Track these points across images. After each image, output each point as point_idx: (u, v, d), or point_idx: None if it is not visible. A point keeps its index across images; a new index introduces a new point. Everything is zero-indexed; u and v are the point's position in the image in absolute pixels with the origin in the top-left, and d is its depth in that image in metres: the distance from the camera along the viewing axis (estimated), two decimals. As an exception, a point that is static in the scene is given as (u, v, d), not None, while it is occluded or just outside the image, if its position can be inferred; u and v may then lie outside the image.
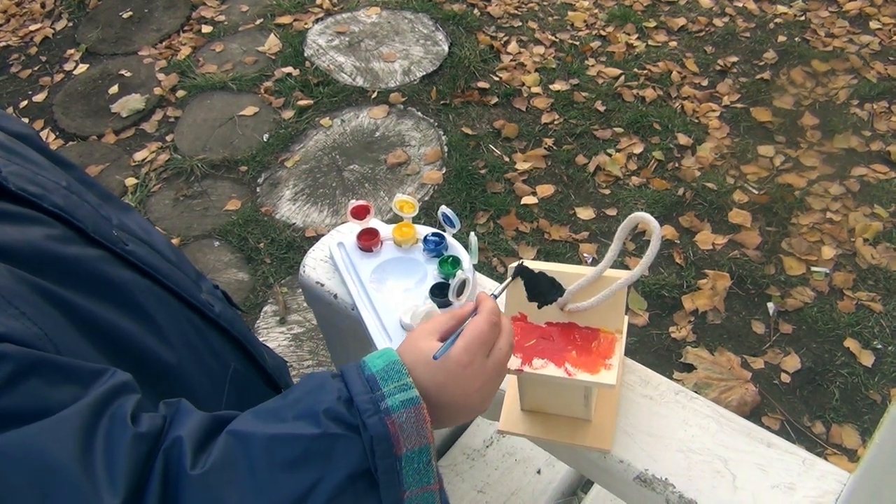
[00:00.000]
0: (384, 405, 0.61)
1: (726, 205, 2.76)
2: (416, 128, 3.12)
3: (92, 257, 0.74)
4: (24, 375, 0.56)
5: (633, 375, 0.87)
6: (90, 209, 0.80)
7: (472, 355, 0.66)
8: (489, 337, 0.67)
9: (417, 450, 0.62)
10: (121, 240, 0.80)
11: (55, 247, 0.69)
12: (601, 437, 0.81)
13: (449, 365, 0.65)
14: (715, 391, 2.19)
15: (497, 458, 1.22)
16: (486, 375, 0.67)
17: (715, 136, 3.03)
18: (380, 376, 0.64)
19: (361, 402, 0.62)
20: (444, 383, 0.65)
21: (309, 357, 2.35)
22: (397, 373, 0.64)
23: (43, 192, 0.73)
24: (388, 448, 0.61)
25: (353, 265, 1.01)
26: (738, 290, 2.49)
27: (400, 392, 0.62)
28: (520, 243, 2.66)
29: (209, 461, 0.58)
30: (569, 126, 3.11)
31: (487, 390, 0.68)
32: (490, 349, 0.67)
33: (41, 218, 0.71)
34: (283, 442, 0.60)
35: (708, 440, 0.80)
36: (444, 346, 0.66)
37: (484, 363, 0.66)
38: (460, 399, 0.66)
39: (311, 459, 0.60)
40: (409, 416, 0.61)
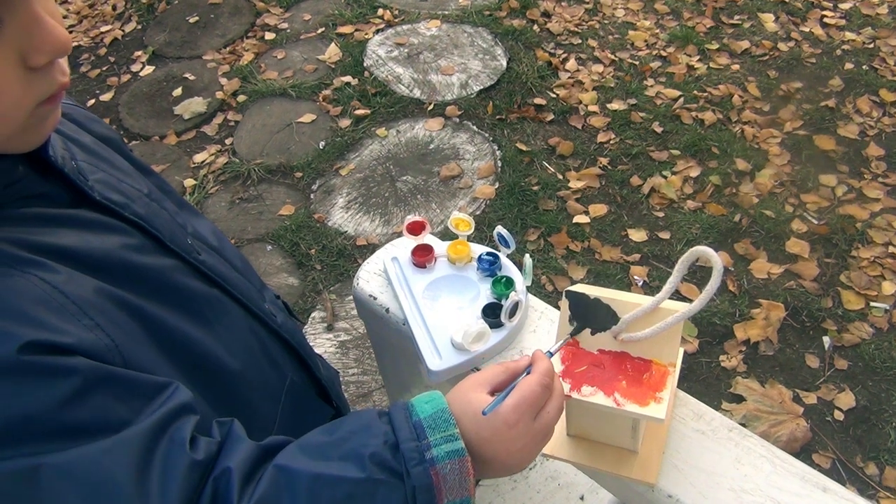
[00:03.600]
0: (430, 455, 0.62)
1: (784, 233, 2.70)
2: (471, 141, 3.12)
3: (165, 267, 0.75)
4: (91, 390, 0.58)
5: (686, 409, 0.86)
6: (168, 217, 0.82)
7: (520, 415, 0.65)
8: (539, 399, 0.66)
9: (458, 501, 0.62)
10: (194, 249, 0.82)
11: (131, 256, 0.71)
12: (647, 469, 0.80)
13: (496, 423, 0.65)
14: (764, 424, 2.13)
15: (540, 482, 1.21)
16: (531, 437, 0.66)
17: (775, 163, 2.97)
18: (427, 424, 0.64)
19: (407, 449, 0.62)
20: (488, 439, 0.65)
21: (354, 365, 2.37)
22: (445, 422, 0.64)
23: (125, 200, 0.75)
24: (429, 498, 0.61)
25: (407, 280, 1.02)
26: (792, 322, 2.43)
27: (446, 442, 0.62)
28: (570, 262, 2.64)
29: (255, 495, 0.59)
30: (625, 146, 3.08)
31: (530, 451, 0.67)
32: (538, 411, 0.66)
33: (120, 227, 0.73)
34: (327, 483, 0.61)
35: (761, 481, 0.78)
36: (493, 402, 0.66)
37: (530, 425, 0.66)
38: (503, 457, 0.66)
39: (354, 502, 0.60)
40: (454, 468, 0.61)
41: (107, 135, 0.88)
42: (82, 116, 0.89)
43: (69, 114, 0.87)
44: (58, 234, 0.67)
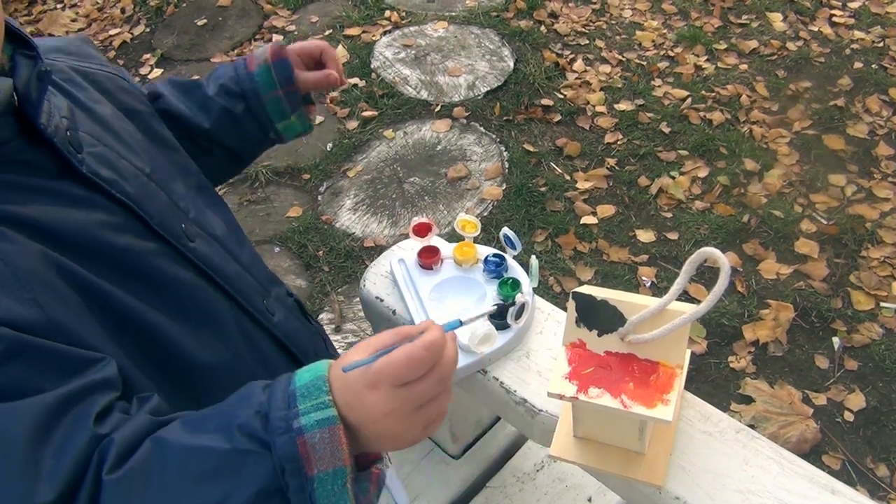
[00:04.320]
0: (297, 424, 0.59)
1: (793, 234, 2.68)
2: (478, 143, 3.12)
3: (146, 250, 0.76)
4: (10, 359, 0.60)
5: (693, 410, 0.86)
6: (165, 200, 0.82)
7: (381, 380, 0.61)
8: (407, 368, 0.61)
9: (332, 471, 0.60)
10: (186, 235, 0.82)
11: (105, 234, 0.72)
12: (654, 471, 0.80)
13: (358, 385, 0.62)
14: (774, 426, 2.12)
15: (547, 483, 1.21)
16: (398, 404, 0.61)
17: (784, 163, 2.95)
18: (300, 392, 0.61)
19: (275, 418, 0.60)
20: (352, 404, 0.62)
21: (362, 366, 2.37)
22: (318, 389, 0.61)
23: (116, 178, 0.76)
24: (296, 468, 0.59)
25: (413, 282, 1.02)
26: (801, 323, 2.42)
27: (316, 411, 0.60)
28: (578, 263, 2.63)
29: (126, 466, 0.60)
30: (632, 147, 3.07)
31: (401, 420, 0.63)
32: (404, 381, 0.62)
33: (104, 204, 0.74)
34: (197, 454, 0.60)
35: (769, 482, 0.78)
36: (358, 362, 0.62)
37: (395, 392, 0.61)
38: (370, 424, 0.62)
39: (220, 474, 0.59)
40: (324, 437, 0.59)
41: (134, 108, 0.90)
42: (115, 86, 0.90)
43: (102, 81, 0.89)
44: (28, 204, 0.68)
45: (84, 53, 0.92)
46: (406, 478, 1.22)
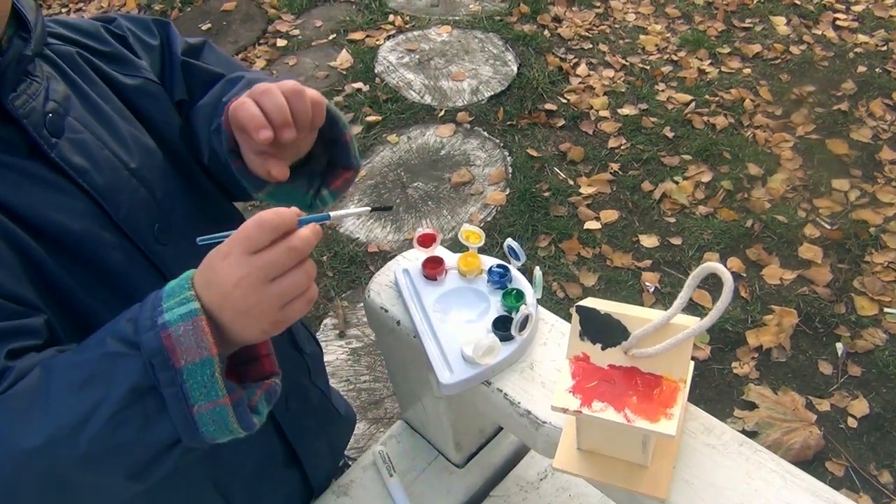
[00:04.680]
0: (161, 320, 0.62)
1: (796, 239, 2.69)
2: (482, 147, 3.13)
3: (103, 241, 0.78)
4: None
5: (696, 423, 0.86)
6: (143, 197, 0.83)
7: (231, 247, 0.63)
8: (255, 235, 0.62)
9: (199, 362, 0.61)
10: (157, 237, 0.83)
11: (62, 218, 0.75)
12: (657, 484, 0.80)
13: (213, 258, 0.64)
14: (777, 432, 2.12)
15: (551, 493, 1.21)
16: (244, 270, 0.62)
17: (787, 168, 2.96)
18: (166, 293, 0.64)
19: (142, 318, 0.63)
20: (209, 280, 0.64)
21: (366, 372, 2.37)
22: (181, 287, 0.64)
23: (88, 167, 0.78)
24: (164, 361, 0.61)
25: (418, 292, 1.02)
26: (805, 328, 2.42)
27: (180, 306, 0.62)
28: (581, 269, 2.64)
29: (14, 388, 0.63)
30: (636, 151, 3.08)
31: (247, 287, 0.63)
32: (254, 247, 0.63)
33: (70, 190, 0.77)
34: (74, 366, 0.64)
35: (772, 496, 0.78)
36: (212, 236, 0.66)
37: (242, 257, 0.62)
38: (224, 298, 0.63)
39: (95, 380, 0.62)
40: (187, 329, 0.61)
41: (152, 116, 0.90)
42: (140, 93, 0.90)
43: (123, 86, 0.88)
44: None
45: (100, 38, 0.91)
46: (410, 486, 1.22)
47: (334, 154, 0.90)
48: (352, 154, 0.89)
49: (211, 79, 0.96)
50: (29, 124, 0.74)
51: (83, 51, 0.88)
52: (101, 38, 0.91)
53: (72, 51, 0.86)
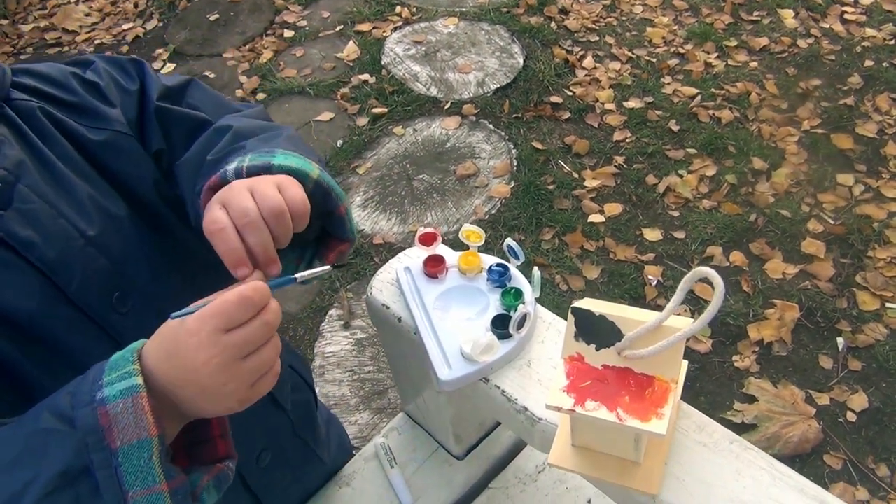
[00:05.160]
0: (100, 395, 0.58)
1: (800, 233, 2.70)
2: (487, 140, 3.14)
3: (56, 317, 0.73)
4: None
5: (689, 420, 0.88)
6: (101, 266, 0.77)
7: (203, 323, 0.59)
8: (230, 311, 0.59)
9: (136, 443, 0.57)
10: (115, 307, 0.78)
11: (9, 297, 0.69)
12: (649, 480, 0.82)
13: (178, 332, 0.60)
14: (776, 425, 2.15)
15: (548, 485, 1.23)
16: (216, 348, 0.59)
17: (792, 162, 2.96)
18: (109, 366, 0.60)
19: (81, 392, 0.59)
20: (171, 352, 0.60)
21: (370, 363, 2.40)
22: (125, 360, 0.60)
23: (37, 240, 0.72)
24: (98, 440, 0.57)
25: (419, 290, 1.04)
26: (806, 323, 2.44)
27: (121, 381, 0.58)
28: (584, 262, 2.65)
29: None
30: (640, 145, 3.09)
31: (218, 366, 0.60)
32: (230, 324, 0.60)
33: (17, 265, 0.71)
34: (5, 442, 0.60)
35: (760, 493, 0.80)
36: (185, 310, 0.61)
37: (215, 335, 0.59)
38: (189, 374, 0.60)
39: (26, 458, 0.58)
40: (126, 406, 0.57)
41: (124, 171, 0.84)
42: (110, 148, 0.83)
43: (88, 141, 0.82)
44: None
45: (68, 87, 0.84)
46: (410, 478, 1.25)
47: (328, 224, 0.84)
48: (347, 227, 0.84)
49: (193, 125, 0.89)
50: None
51: (47, 104, 0.81)
52: (68, 88, 0.84)
53: (34, 105, 0.79)
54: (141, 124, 0.88)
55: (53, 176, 0.76)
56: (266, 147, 0.81)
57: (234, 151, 0.81)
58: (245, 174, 0.74)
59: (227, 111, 0.93)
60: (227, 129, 0.86)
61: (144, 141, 0.87)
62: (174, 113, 0.89)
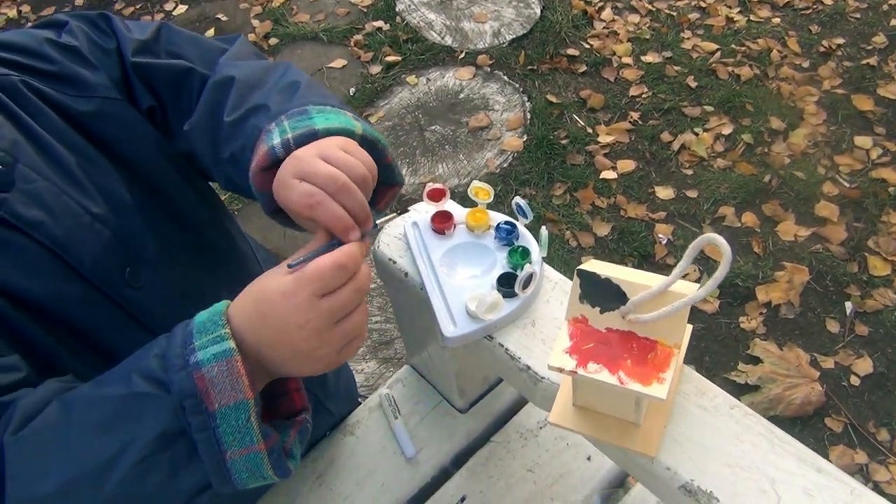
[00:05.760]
0: (194, 359, 0.58)
1: (814, 196, 2.67)
2: (501, 92, 3.10)
3: (66, 295, 0.72)
4: None
5: (690, 385, 0.88)
6: (108, 241, 0.76)
7: (299, 287, 0.60)
8: (327, 276, 0.60)
9: (233, 405, 0.58)
10: (127, 281, 0.77)
11: (20, 279, 0.69)
12: (648, 442, 0.83)
13: (274, 295, 0.61)
14: (779, 387, 2.16)
15: (549, 441, 1.25)
16: (312, 313, 0.60)
17: (810, 123, 2.91)
18: (197, 328, 0.61)
19: (172, 356, 0.59)
20: (266, 314, 0.61)
21: (378, 313, 2.42)
22: (214, 324, 0.61)
23: (44, 219, 0.70)
24: (196, 404, 0.58)
25: (426, 246, 1.04)
26: (815, 286, 2.43)
27: (213, 344, 0.59)
28: (595, 218, 2.64)
29: (31, 426, 0.60)
30: (657, 101, 3.04)
31: (313, 331, 0.61)
32: (325, 290, 0.60)
33: (26, 246, 0.69)
34: (97, 404, 0.60)
35: (758, 458, 0.81)
36: (298, 259, 0.62)
37: (312, 300, 0.60)
38: (283, 336, 0.61)
39: (121, 420, 0.59)
40: (221, 370, 0.58)
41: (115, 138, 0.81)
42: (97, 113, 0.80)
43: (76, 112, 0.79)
44: None
45: (45, 56, 0.80)
46: (413, 429, 1.27)
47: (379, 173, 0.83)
48: (396, 172, 0.87)
49: (177, 75, 0.86)
50: None
51: (28, 77, 0.77)
52: (45, 57, 0.80)
53: (15, 80, 0.76)
54: (127, 83, 0.85)
55: (48, 153, 0.74)
56: (292, 104, 0.79)
57: (256, 112, 0.79)
58: (293, 145, 0.73)
59: (208, 52, 0.89)
60: (229, 81, 0.83)
61: (134, 101, 0.85)
62: (154, 67, 0.85)
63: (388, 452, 1.25)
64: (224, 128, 0.81)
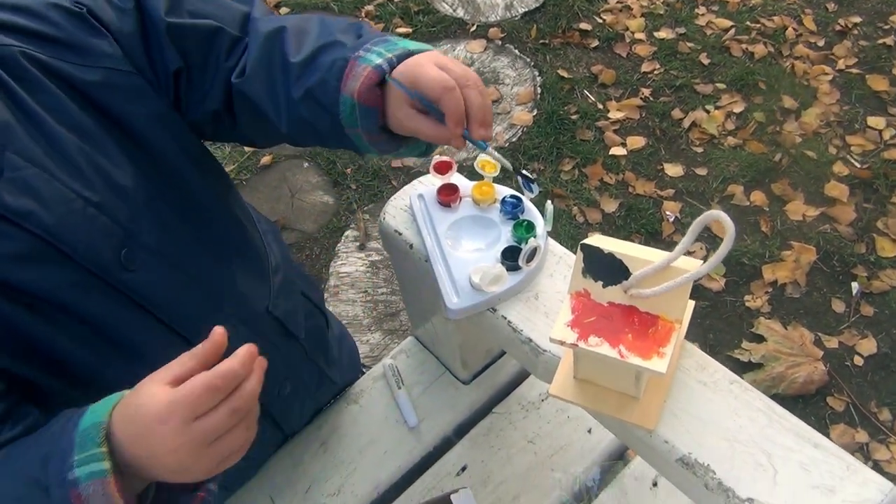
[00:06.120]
0: (71, 476, 0.60)
1: (824, 176, 2.65)
2: (512, 66, 3.08)
3: (60, 282, 0.72)
4: None
5: (691, 360, 0.89)
6: (103, 225, 0.74)
7: (171, 413, 0.59)
8: (199, 400, 0.59)
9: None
10: (123, 264, 0.76)
11: (10, 268, 0.68)
12: (647, 416, 0.84)
13: (147, 418, 0.60)
14: (782, 365, 2.16)
15: (550, 413, 1.26)
16: (185, 437, 0.59)
17: (823, 102, 2.89)
18: (79, 440, 0.61)
19: (52, 467, 0.61)
20: (141, 435, 0.61)
21: (384, 285, 2.43)
22: (92, 440, 0.60)
23: (34, 207, 0.69)
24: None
25: (431, 218, 1.05)
26: (822, 266, 2.42)
27: (90, 462, 0.60)
28: (603, 194, 2.64)
29: None
30: (669, 77, 3.02)
31: (185, 454, 0.60)
32: (198, 412, 0.60)
33: (12, 234, 0.68)
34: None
35: (756, 433, 0.82)
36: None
37: (184, 424, 0.59)
38: (156, 459, 0.61)
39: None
40: (97, 489, 0.59)
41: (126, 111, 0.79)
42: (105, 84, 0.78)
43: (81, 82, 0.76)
44: None
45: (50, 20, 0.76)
46: (416, 399, 1.28)
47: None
48: None
49: (207, 35, 0.85)
50: None
51: (29, 46, 0.74)
52: (50, 21, 0.76)
53: (15, 51, 0.72)
54: (147, 45, 0.82)
55: (43, 134, 0.72)
56: (365, 38, 0.82)
57: (328, 49, 0.81)
58: (396, 63, 0.78)
59: (230, 11, 0.88)
60: (281, 30, 0.85)
61: (154, 63, 0.82)
62: (186, 28, 0.83)
63: (390, 421, 1.27)
64: (294, 69, 0.82)
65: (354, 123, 0.81)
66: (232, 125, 0.91)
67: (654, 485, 1.17)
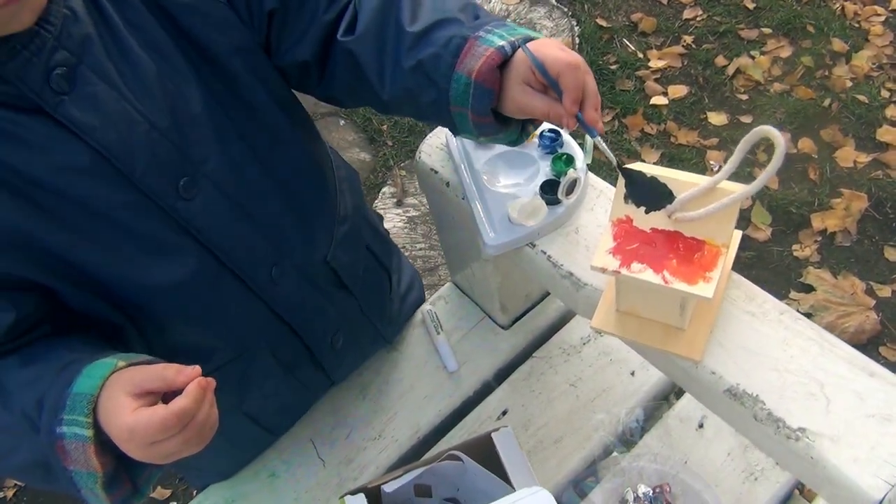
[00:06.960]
0: (59, 430, 0.66)
1: (876, 120, 2.55)
2: (549, 16, 3.01)
3: (112, 200, 0.73)
4: None
5: (739, 291, 0.86)
6: (165, 150, 0.74)
7: (132, 438, 0.65)
8: (152, 435, 0.64)
9: (85, 472, 0.66)
10: (180, 192, 0.76)
11: (63, 178, 0.70)
12: (693, 346, 0.81)
13: (113, 428, 0.66)
14: (832, 315, 2.11)
15: (592, 356, 1.24)
16: (141, 454, 0.66)
17: (875, 44, 2.77)
18: (69, 402, 0.66)
19: (45, 414, 0.67)
20: (109, 426, 0.67)
21: (422, 240, 2.42)
22: (81, 408, 0.66)
23: (96, 124, 0.69)
24: (57, 459, 0.66)
25: (467, 154, 1.02)
26: (874, 214, 2.34)
27: (76, 425, 0.66)
28: (644, 145, 2.58)
29: None
30: (712, 23, 2.92)
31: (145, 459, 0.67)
32: (153, 441, 0.65)
33: (74, 146, 0.69)
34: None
35: (807, 363, 0.79)
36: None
37: (140, 450, 0.66)
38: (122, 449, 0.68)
39: (8, 433, 0.71)
40: (77, 448, 0.66)
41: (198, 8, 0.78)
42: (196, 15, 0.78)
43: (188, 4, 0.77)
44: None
45: None
46: (456, 344, 1.27)
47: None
48: None
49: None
50: (26, 86, 0.66)
51: None
52: None
53: None
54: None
55: (121, 51, 0.72)
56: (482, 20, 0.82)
57: (444, 25, 0.80)
58: (518, 46, 0.78)
59: None
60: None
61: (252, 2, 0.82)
62: None
63: (430, 367, 1.27)
64: (408, 38, 0.81)
65: (465, 103, 0.79)
66: (319, 80, 0.90)
67: (699, 426, 1.15)
